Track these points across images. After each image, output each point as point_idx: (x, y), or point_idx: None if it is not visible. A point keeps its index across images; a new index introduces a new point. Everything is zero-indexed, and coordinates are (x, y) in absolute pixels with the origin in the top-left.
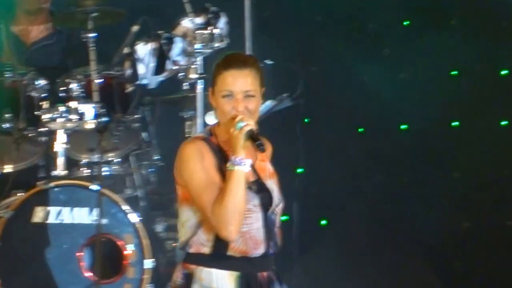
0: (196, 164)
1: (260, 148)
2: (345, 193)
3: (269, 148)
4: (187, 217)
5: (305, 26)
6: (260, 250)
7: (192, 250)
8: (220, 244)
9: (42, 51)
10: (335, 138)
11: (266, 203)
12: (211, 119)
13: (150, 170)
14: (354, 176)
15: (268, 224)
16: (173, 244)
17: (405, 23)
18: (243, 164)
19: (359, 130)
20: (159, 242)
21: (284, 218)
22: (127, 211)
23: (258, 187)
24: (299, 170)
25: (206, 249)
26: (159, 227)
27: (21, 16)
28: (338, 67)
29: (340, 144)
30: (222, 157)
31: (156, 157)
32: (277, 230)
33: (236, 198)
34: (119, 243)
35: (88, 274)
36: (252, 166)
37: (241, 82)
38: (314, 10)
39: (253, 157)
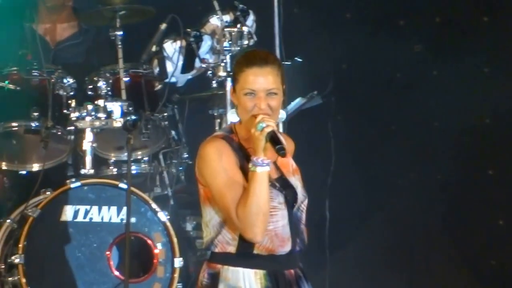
0: (217, 164)
1: (280, 152)
2: (378, 192)
3: (291, 145)
4: (210, 217)
5: (335, 23)
6: (286, 248)
7: (217, 249)
8: (246, 242)
9: (67, 51)
10: (366, 136)
11: (290, 200)
12: (233, 116)
13: (179, 168)
14: (386, 174)
15: (294, 221)
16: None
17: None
18: (265, 165)
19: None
20: (188, 240)
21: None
22: (156, 209)
23: (282, 184)
24: (331, 168)
25: (231, 248)
26: (189, 226)
27: (44, 14)
28: (369, 64)
29: (371, 141)
30: (243, 155)
31: (185, 156)
32: (303, 227)
33: (260, 200)
34: (148, 242)
35: (117, 273)
36: (275, 163)
37: (263, 80)
38: (343, 7)
39: (275, 154)
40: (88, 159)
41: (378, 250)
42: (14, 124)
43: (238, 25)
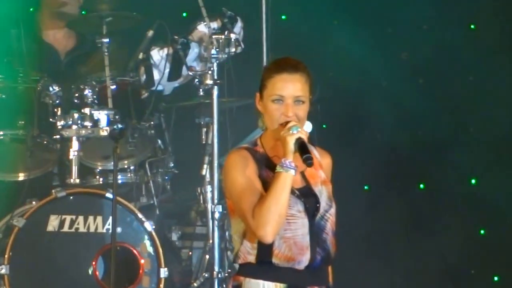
0: (237, 171)
1: (307, 162)
2: (364, 200)
3: (326, 158)
4: (236, 229)
5: (322, 30)
6: (306, 256)
7: (240, 260)
8: (264, 250)
9: (77, 61)
10: (352, 145)
11: (312, 208)
12: (307, 126)
13: (165, 178)
14: (371, 183)
15: (315, 230)
16: (189, 253)
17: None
18: (291, 168)
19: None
20: (174, 251)
21: None
22: (142, 219)
23: (304, 192)
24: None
25: (251, 258)
26: (174, 236)
27: (46, 21)
28: (356, 72)
29: (358, 150)
30: (267, 165)
31: (171, 165)
32: (328, 236)
33: (279, 200)
34: (134, 252)
35: (103, 283)
36: (302, 173)
37: (292, 87)
38: (331, 14)
39: (303, 164)
40: (74, 169)
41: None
42: (0, 132)
43: (226, 32)
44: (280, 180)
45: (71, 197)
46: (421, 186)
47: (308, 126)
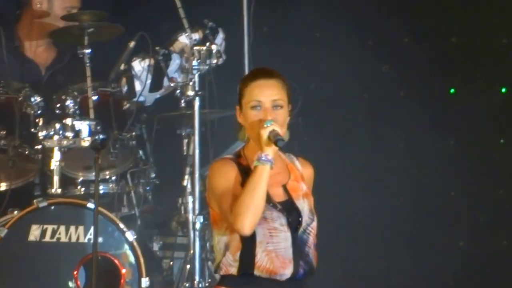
0: (220, 176)
1: (278, 143)
2: (345, 212)
3: (309, 170)
4: (218, 240)
5: (304, 42)
6: (288, 270)
7: (222, 272)
8: (246, 262)
9: (58, 75)
10: (333, 157)
11: (294, 222)
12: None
13: (146, 188)
14: (352, 195)
15: (298, 243)
16: (170, 263)
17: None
18: (267, 161)
19: (358, 147)
20: (155, 260)
21: None
22: (123, 229)
23: (287, 206)
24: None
25: (233, 270)
26: (155, 246)
27: (27, 32)
28: (337, 85)
29: (338, 162)
30: (249, 175)
31: (152, 176)
32: (310, 249)
33: (255, 192)
34: (116, 261)
35: None
36: (284, 186)
37: (268, 91)
38: (312, 26)
39: (286, 177)
40: (56, 179)
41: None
42: None
43: (207, 44)
44: (256, 173)
45: (53, 207)
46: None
47: (286, 136)
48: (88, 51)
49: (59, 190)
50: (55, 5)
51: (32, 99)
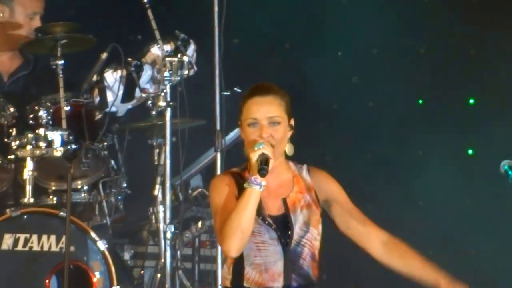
0: (215, 193)
1: (261, 172)
2: None
3: (321, 176)
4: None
5: (274, 53)
6: (277, 283)
7: (222, 283)
8: (237, 275)
9: (18, 83)
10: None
11: (284, 236)
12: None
13: (118, 198)
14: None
15: (290, 256)
16: (141, 272)
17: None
18: (256, 184)
19: (327, 158)
20: (126, 269)
21: None
22: (95, 238)
23: (278, 220)
24: None
25: (228, 282)
26: (126, 255)
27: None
28: (306, 95)
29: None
30: None
31: (124, 185)
32: (305, 261)
33: (241, 215)
34: (87, 270)
35: None
36: (284, 200)
37: (264, 109)
38: (282, 37)
39: (288, 190)
40: (28, 188)
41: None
42: None
43: (179, 55)
44: (245, 196)
45: (25, 216)
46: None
47: (290, 149)
48: (61, 62)
49: (31, 200)
50: (17, 13)
51: (6, 109)
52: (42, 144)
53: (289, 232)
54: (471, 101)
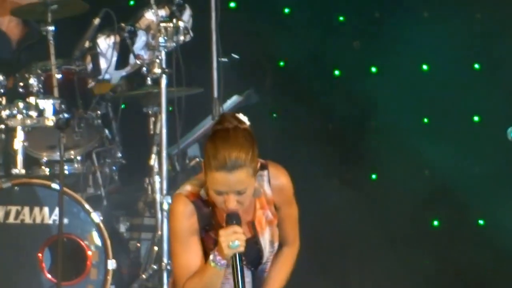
0: (176, 228)
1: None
2: (314, 190)
3: (281, 181)
4: None
5: (272, 19)
6: None
7: None
8: None
9: (28, 51)
10: (302, 135)
11: (255, 261)
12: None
13: (113, 168)
14: (322, 173)
15: (258, 276)
16: (137, 244)
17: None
18: (222, 266)
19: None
20: (121, 242)
21: None
22: (89, 210)
23: (251, 245)
24: None
25: None
26: (122, 227)
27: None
28: (307, 61)
29: (307, 140)
30: (210, 225)
31: (119, 155)
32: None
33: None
34: (81, 243)
35: (49, 275)
36: (252, 223)
37: (232, 184)
38: (281, 2)
39: (252, 211)
40: (19, 159)
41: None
42: None
43: (174, 20)
44: (211, 274)
45: (16, 188)
46: (373, 176)
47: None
48: (51, 28)
49: (22, 171)
50: None
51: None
52: (33, 113)
53: (260, 257)
54: (476, 66)
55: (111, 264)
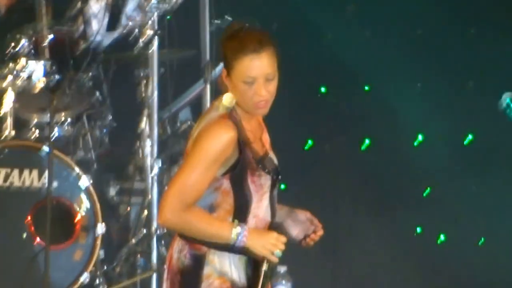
0: (205, 152)
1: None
2: (302, 156)
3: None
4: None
5: None
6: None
7: None
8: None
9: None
10: (296, 98)
11: (274, 180)
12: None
13: (103, 131)
14: (313, 139)
15: (273, 201)
16: (127, 208)
17: None
18: (237, 244)
19: (321, 90)
20: (111, 206)
21: None
22: (79, 173)
23: (269, 164)
24: None
25: None
26: (112, 191)
27: None
28: (300, 24)
29: (301, 104)
30: (248, 148)
31: (109, 118)
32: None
33: (205, 237)
34: (70, 207)
35: (38, 239)
36: (260, 139)
37: (261, 66)
38: None
39: (261, 128)
40: (9, 121)
41: None
42: None
43: None
44: (221, 233)
45: (6, 150)
46: (367, 141)
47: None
48: None
49: (12, 133)
50: None
51: None
52: (23, 75)
53: (278, 173)
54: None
55: (101, 228)
